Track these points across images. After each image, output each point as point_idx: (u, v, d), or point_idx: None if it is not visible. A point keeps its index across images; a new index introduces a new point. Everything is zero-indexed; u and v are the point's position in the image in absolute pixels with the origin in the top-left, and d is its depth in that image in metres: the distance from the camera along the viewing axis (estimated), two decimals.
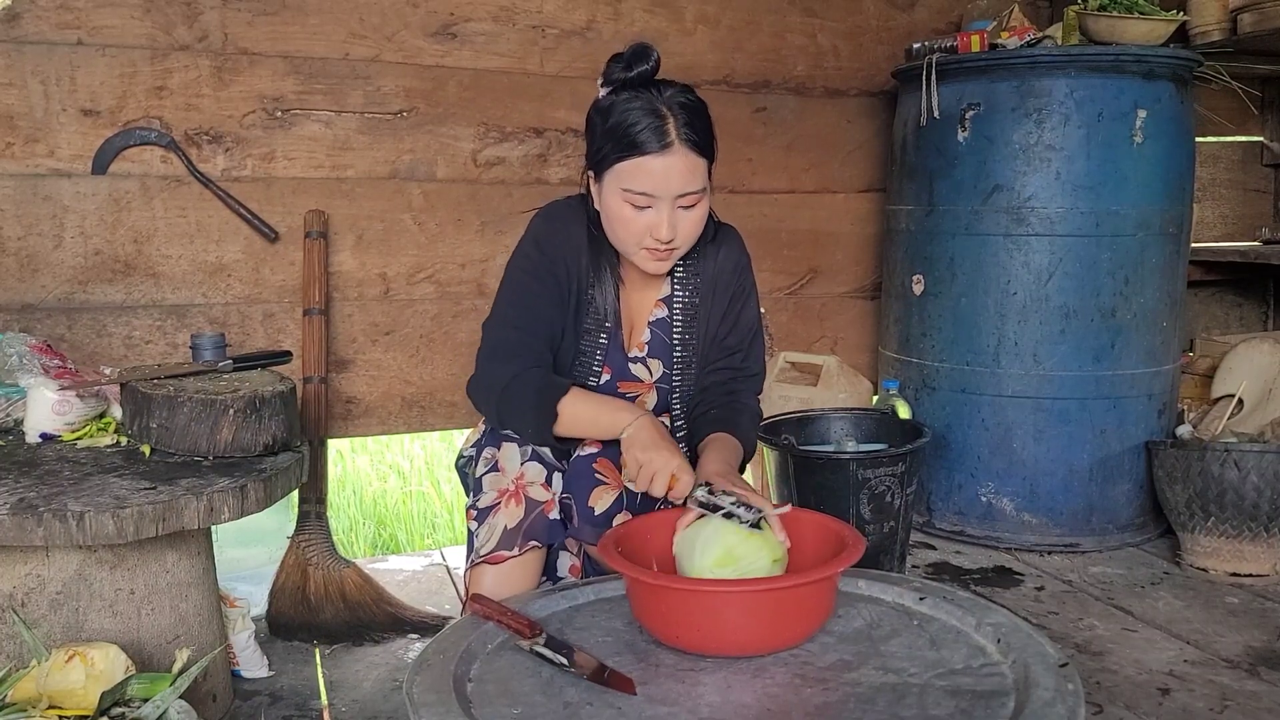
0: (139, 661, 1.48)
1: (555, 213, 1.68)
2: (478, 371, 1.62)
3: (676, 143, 1.49)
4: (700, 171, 1.53)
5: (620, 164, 1.51)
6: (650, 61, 1.52)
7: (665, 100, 1.50)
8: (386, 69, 2.50)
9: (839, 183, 3.07)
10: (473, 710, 1.10)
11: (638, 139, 1.48)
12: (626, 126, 1.49)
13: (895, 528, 2.32)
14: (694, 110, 1.52)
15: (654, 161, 1.49)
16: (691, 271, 1.72)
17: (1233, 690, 1.83)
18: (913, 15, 3.07)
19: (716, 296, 1.73)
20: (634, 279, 1.70)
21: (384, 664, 1.97)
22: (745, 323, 1.75)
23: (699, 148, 1.51)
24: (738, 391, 1.73)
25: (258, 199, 2.41)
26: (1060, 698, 1.07)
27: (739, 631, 1.22)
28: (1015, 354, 2.56)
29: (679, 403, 1.75)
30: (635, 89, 1.52)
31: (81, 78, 2.25)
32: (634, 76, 1.52)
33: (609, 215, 1.57)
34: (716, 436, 1.62)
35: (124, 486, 1.54)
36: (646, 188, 1.50)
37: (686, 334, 1.72)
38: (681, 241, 1.56)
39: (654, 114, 1.49)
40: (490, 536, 1.56)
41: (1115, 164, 2.48)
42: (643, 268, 1.61)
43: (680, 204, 1.53)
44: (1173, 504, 2.45)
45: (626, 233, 1.55)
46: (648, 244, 1.55)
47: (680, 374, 1.74)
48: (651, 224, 1.53)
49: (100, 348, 2.32)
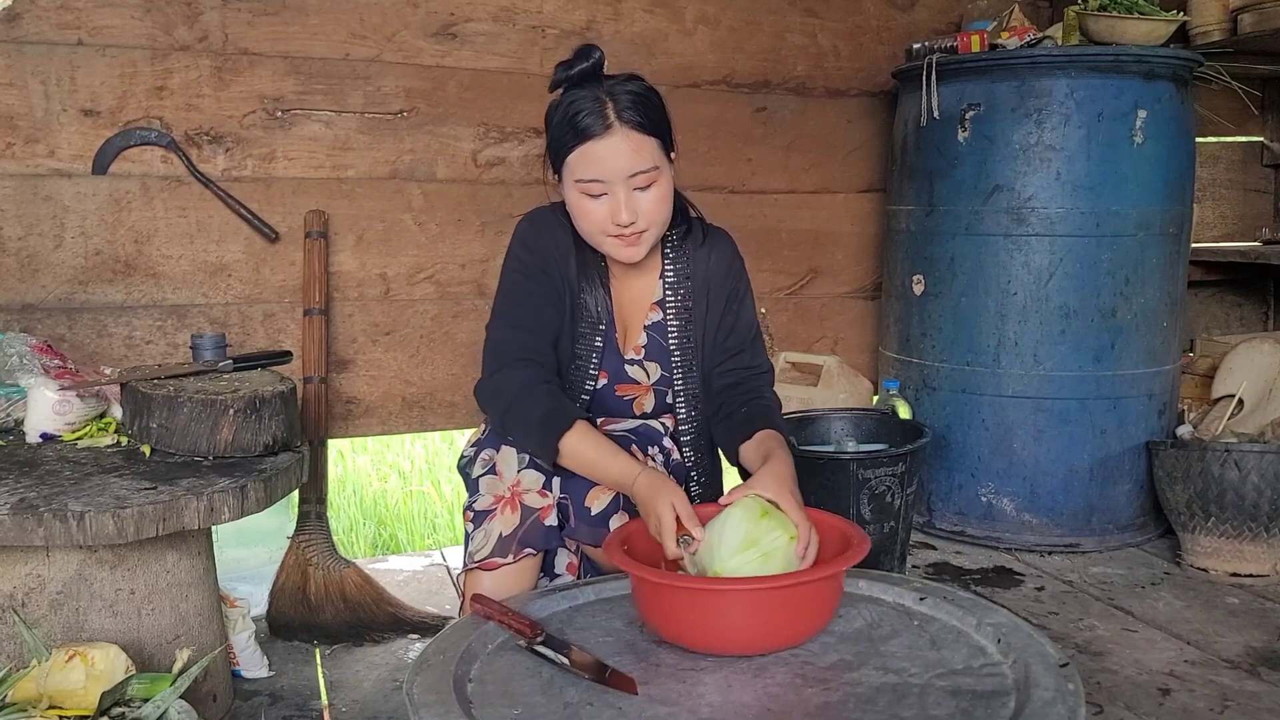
0: (139, 661, 1.48)
1: (539, 217, 1.71)
2: (484, 376, 1.62)
3: (617, 124, 1.52)
4: (648, 150, 1.54)
5: (570, 155, 1.55)
6: (590, 60, 1.56)
7: (606, 89, 1.55)
8: (387, 69, 2.50)
9: (839, 183, 3.07)
10: (473, 710, 1.10)
11: (580, 125, 1.52)
12: (570, 117, 1.53)
13: (895, 528, 2.32)
14: (636, 94, 1.55)
15: (597, 145, 1.52)
16: (682, 275, 1.72)
17: (1233, 690, 1.83)
18: (913, 15, 3.07)
19: (711, 299, 1.73)
20: (623, 280, 1.71)
21: (384, 664, 1.97)
22: (744, 324, 1.75)
23: (643, 127, 1.54)
24: (758, 388, 1.72)
25: (258, 199, 2.41)
26: (1061, 698, 1.07)
27: (745, 630, 1.22)
28: (1015, 354, 2.56)
29: (684, 406, 1.75)
30: (579, 85, 1.56)
31: (82, 78, 2.25)
32: (574, 74, 1.56)
33: (572, 210, 1.60)
34: (768, 434, 1.58)
35: (124, 486, 1.54)
36: (595, 173, 1.53)
37: (683, 337, 1.73)
38: (646, 223, 1.57)
39: (595, 101, 1.53)
40: (485, 542, 1.56)
41: (1115, 164, 2.48)
42: (616, 257, 1.62)
43: (634, 184, 1.54)
44: (1173, 504, 2.45)
45: (589, 223, 1.58)
46: (612, 231, 1.57)
47: (681, 377, 1.74)
48: (610, 210, 1.55)
49: (101, 348, 2.32)
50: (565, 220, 1.66)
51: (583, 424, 1.54)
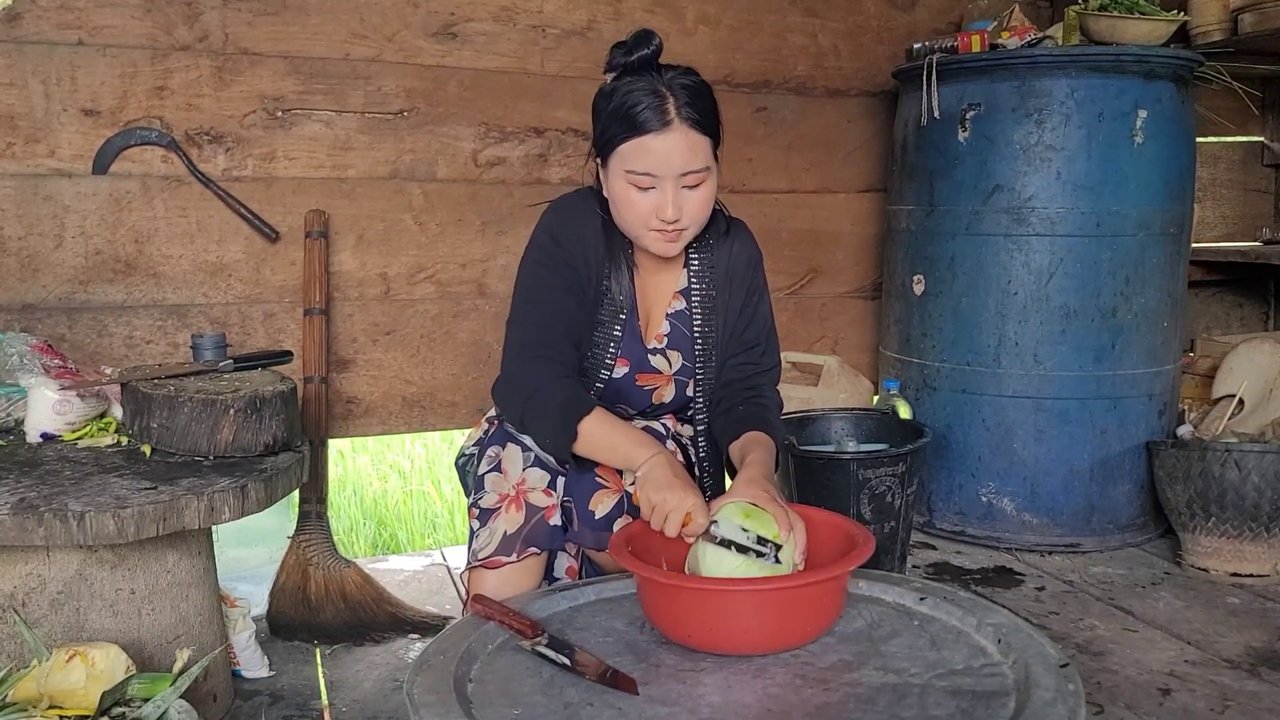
0: (140, 661, 1.48)
1: (567, 204, 1.67)
2: (504, 373, 1.61)
3: (677, 121, 1.49)
4: (702, 150, 1.53)
5: (623, 145, 1.52)
6: (651, 46, 1.53)
7: (666, 81, 1.52)
8: (387, 69, 2.50)
9: (839, 183, 3.07)
10: (473, 710, 1.10)
11: (638, 119, 1.49)
12: (628, 108, 1.50)
13: (896, 528, 2.32)
14: (695, 90, 1.53)
15: (655, 140, 1.49)
16: (707, 264, 1.71)
17: (1233, 690, 1.83)
18: (913, 15, 3.07)
19: (733, 289, 1.72)
20: (648, 268, 1.70)
21: (384, 664, 1.97)
22: (762, 316, 1.75)
23: (700, 126, 1.51)
24: (760, 386, 1.72)
25: (258, 199, 2.41)
26: (1061, 698, 1.07)
27: (752, 630, 1.23)
28: (1016, 354, 2.56)
29: (701, 395, 1.74)
30: (637, 73, 1.53)
31: (82, 78, 2.25)
32: (635, 61, 1.53)
33: (615, 199, 1.57)
34: (752, 436, 1.59)
35: (125, 486, 1.54)
36: (649, 167, 1.51)
37: (706, 326, 1.72)
38: (689, 222, 1.56)
39: (654, 94, 1.50)
40: (490, 541, 1.55)
41: (1116, 164, 2.48)
42: (652, 250, 1.60)
43: (684, 183, 1.53)
44: (1173, 504, 2.45)
45: (633, 215, 1.56)
46: (654, 225, 1.55)
47: (702, 367, 1.73)
48: (657, 204, 1.53)
49: (101, 348, 2.32)
50: (596, 207, 1.64)
51: (601, 409, 1.53)
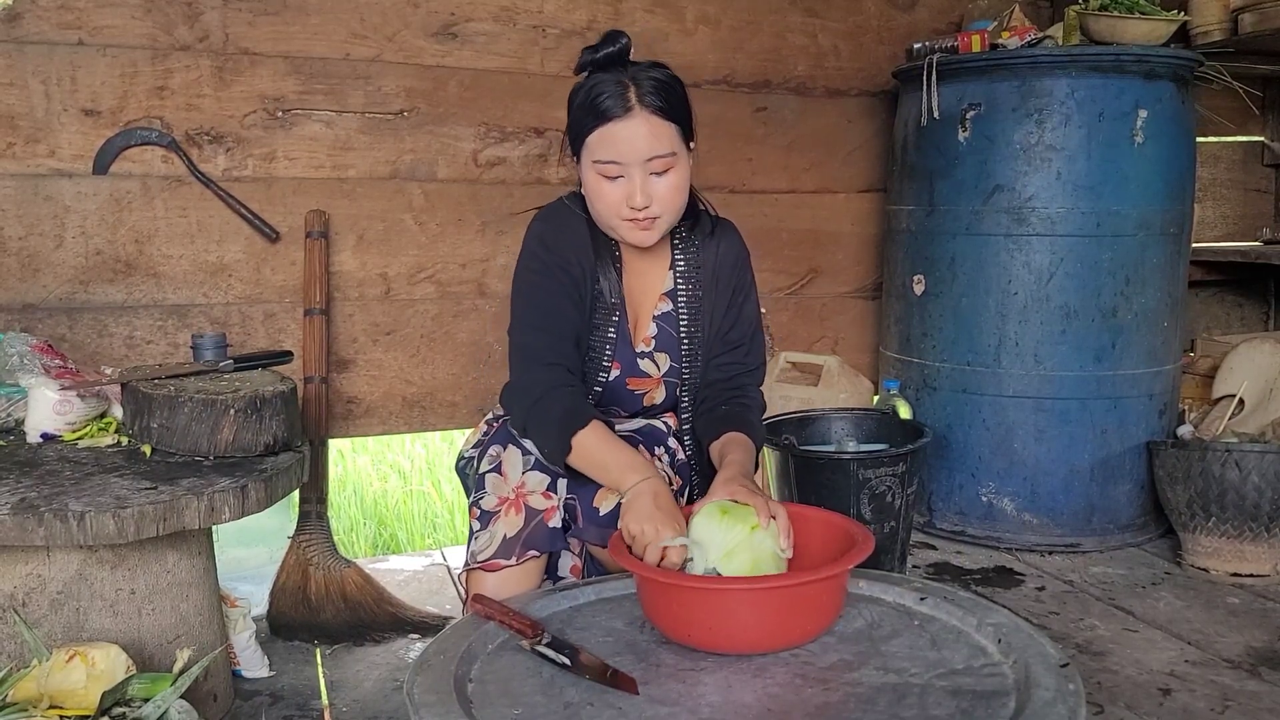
0: (140, 661, 1.48)
1: (553, 211, 1.71)
2: (511, 380, 1.63)
3: (638, 107, 1.53)
4: (667, 135, 1.55)
5: (590, 136, 1.56)
6: (617, 45, 1.56)
7: (631, 74, 1.55)
8: (387, 69, 2.50)
9: (839, 183, 3.07)
10: (473, 710, 1.10)
11: (601, 107, 1.54)
12: (592, 100, 1.55)
13: (896, 528, 2.32)
14: (659, 80, 1.56)
15: (617, 127, 1.53)
16: (693, 265, 1.73)
17: (1234, 690, 1.83)
18: (913, 15, 3.07)
19: (719, 289, 1.74)
20: (634, 267, 1.71)
21: (385, 664, 1.97)
22: (747, 316, 1.76)
23: (664, 113, 1.54)
24: (744, 386, 1.74)
25: (259, 199, 2.41)
26: (1061, 698, 1.07)
27: (752, 629, 1.23)
28: (1016, 354, 2.56)
29: (687, 395, 1.76)
30: (605, 69, 1.57)
31: (82, 78, 2.25)
32: (601, 58, 1.56)
33: (588, 191, 1.61)
34: (731, 437, 1.62)
35: (125, 486, 1.54)
36: (614, 155, 1.54)
37: (693, 327, 1.73)
38: (660, 209, 1.58)
39: (618, 84, 1.54)
40: (490, 543, 1.56)
41: (1116, 164, 2.48)
42: (629, 240, 1.62)
43: (651, 169, 1.55)
44: (1174, 504, 2.45)
45: (604, 205, 1.58)
46: (626, 214, 1.57)
47: (689, 367, 1.74)
48: (626, 193, 1.55)
49: (101, 348, 2.32)
50: (580, 210, 1.67)
51: (599, 423, 1.54)
